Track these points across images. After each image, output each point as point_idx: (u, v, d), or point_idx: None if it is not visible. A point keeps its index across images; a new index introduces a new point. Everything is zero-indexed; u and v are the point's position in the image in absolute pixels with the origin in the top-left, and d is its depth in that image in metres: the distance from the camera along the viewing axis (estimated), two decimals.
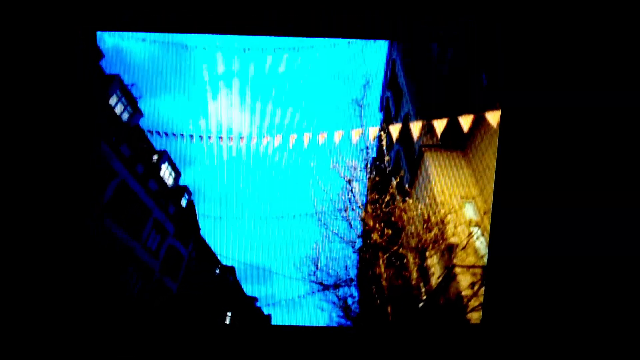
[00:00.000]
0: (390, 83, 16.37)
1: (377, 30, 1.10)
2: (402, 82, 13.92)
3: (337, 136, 8.64)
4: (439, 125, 8.34)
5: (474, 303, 7.80)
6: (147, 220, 20.84)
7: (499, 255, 1.23)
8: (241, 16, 1.05)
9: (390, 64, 16.58)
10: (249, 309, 38.03)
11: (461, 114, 8.22)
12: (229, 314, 33.10)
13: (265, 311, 42.90)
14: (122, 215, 18.46)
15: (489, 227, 8.81)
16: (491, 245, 1.24)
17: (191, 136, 10.64)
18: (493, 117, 8.10)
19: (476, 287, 7.79)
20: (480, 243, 9.02)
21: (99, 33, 1.09)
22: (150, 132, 11.43)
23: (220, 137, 10.32)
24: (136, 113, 19.71)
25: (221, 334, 1.29)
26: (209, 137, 10.51)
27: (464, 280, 8.28)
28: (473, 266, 8.39)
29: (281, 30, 1.09)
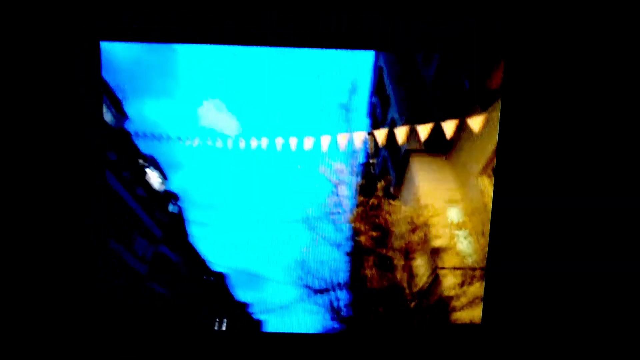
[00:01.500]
0: (377, 89, 16.62)
1: (377, 40, 1.10)
2: (389, 88, 14.19)
3: (325, 141, 8.80)
4: (423, 130, 8.57)
5: (457, 303, 8.01)
6: (134, 226, 20.58)
7: (498, 255, 1.22)
8: (244, 28, 1.07)
9: (377, 70, 16.85)
10: (240, 315, 37.62)
11: (445, 119, 8.45)
12: (218, 320, 32.70)
13: (257, 317, 42.41)
14: (109, 221, 18.21)
15: (472, 229, 9.07)
16: (491, 244, 1.24)
17: (179, 138, 10.67)
18: (475, 122, 8.37)
19: (459, 288, 8.00)
20: (463, 245, 9.26)
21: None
22: (137, 134, 11.32)
23: (208, 139, 10.36)
24: (121, 116, 19.48)
25: (212, 340, 1.29)
26: (196, 140, 10.52)
27: (448, 281, 8.48)
28: (457, 268, 8.60)
29: (282, 42, 1.11)
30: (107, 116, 18.61)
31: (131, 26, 1.04)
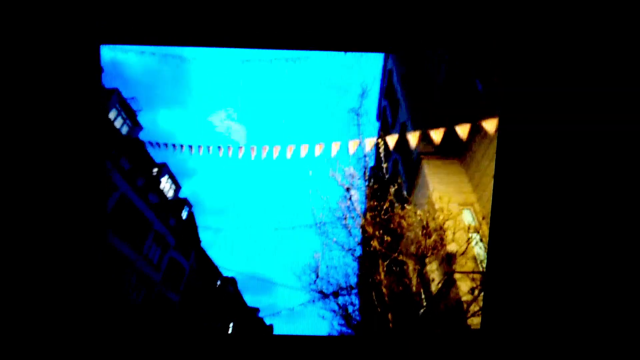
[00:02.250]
0: (386, 92, 16.60)
1: (376, 43, 1.10)
2: (398, 91, 14.14)
3: (335, 147, 8.79)
4: (436, 134, 8.48)
5: (474, 308, 7.84)
6: (148, 233, 20.89)
7: (498, 260, 1.22)
8: (245, 30, 1.06)
9: (386, 73, 16.84)
10: (251, 320, 37.80)
11: (458, 121, 8.36)
12: (231, 325, 32.89)
13: (267, 321, 42.71)
14: (123, 228, 18.52)
15: (487, 233, 8.91)
16: (490, 250, 1.23)
17: (190, 147, 10.80)
18: (489, 125, 8.25)
19: (476, 293, 7.84)
20: (479, 249, 9.09)
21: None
22: (150, 143, 11.54)
23: (219, 148, 10.46)
24: (135, 126, 19.90)
25: (224, 344, 1.29)
26: (208, 148, 10.66)
27: (464, 286, 8.33)
28: (472, 272, 8.45)
29: (288, 44, 1.10)
30: (123, 128, 19.04)
31: (131, 29, 1.02)
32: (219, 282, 31.99)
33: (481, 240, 9.14)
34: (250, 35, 1.08)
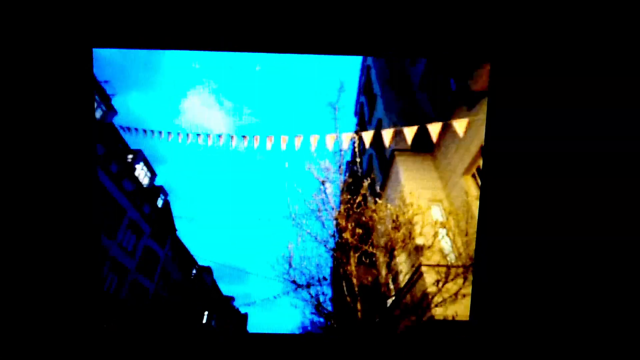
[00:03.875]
0: (364, 88, 16.79)
1: (359, 47, 1.10)
2: (376, 87, 14.36)
3: (314, 140, 8.92)
4: (410, 132, 8.75)
5: (437, 299, 8.27)
6: (122, 219, 20.50)
7: (486, 246, 1.21)
8: (234, 35, 1.06)
9: (364, 69, 17.00)
10: (226, 309, 37.86)
11: (431, 120, 8.65)
12: (206, 313, 32.87)
13: (242, 310, 42.89)
14: (96, 214, 18.06)
15: (453, 228, 9.32)
16: (479, 234, 1.22)
17: (169, 133, 10.62)
18: (460, 125, 8.59)
19: (440, 285, 8.25)
20: (445, 243, 9.53)
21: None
22: (125, 128, 11.23)
23: (199, 135, 10.36)
24: (110, 111, 19.32)
25: (199, 335, 1.31)
26: (187, 135, 10.54)
27: (430, 278, 8.74)
28: (438, 265, 8.86)
29: (275, 48, 1.11)
30: (97, 112, 18.44)
31: (124, 33, 1.04)
32: (194, 271, 31.78)
33: (447, 235, 9.57)
34: (243, 40, 1.09)
